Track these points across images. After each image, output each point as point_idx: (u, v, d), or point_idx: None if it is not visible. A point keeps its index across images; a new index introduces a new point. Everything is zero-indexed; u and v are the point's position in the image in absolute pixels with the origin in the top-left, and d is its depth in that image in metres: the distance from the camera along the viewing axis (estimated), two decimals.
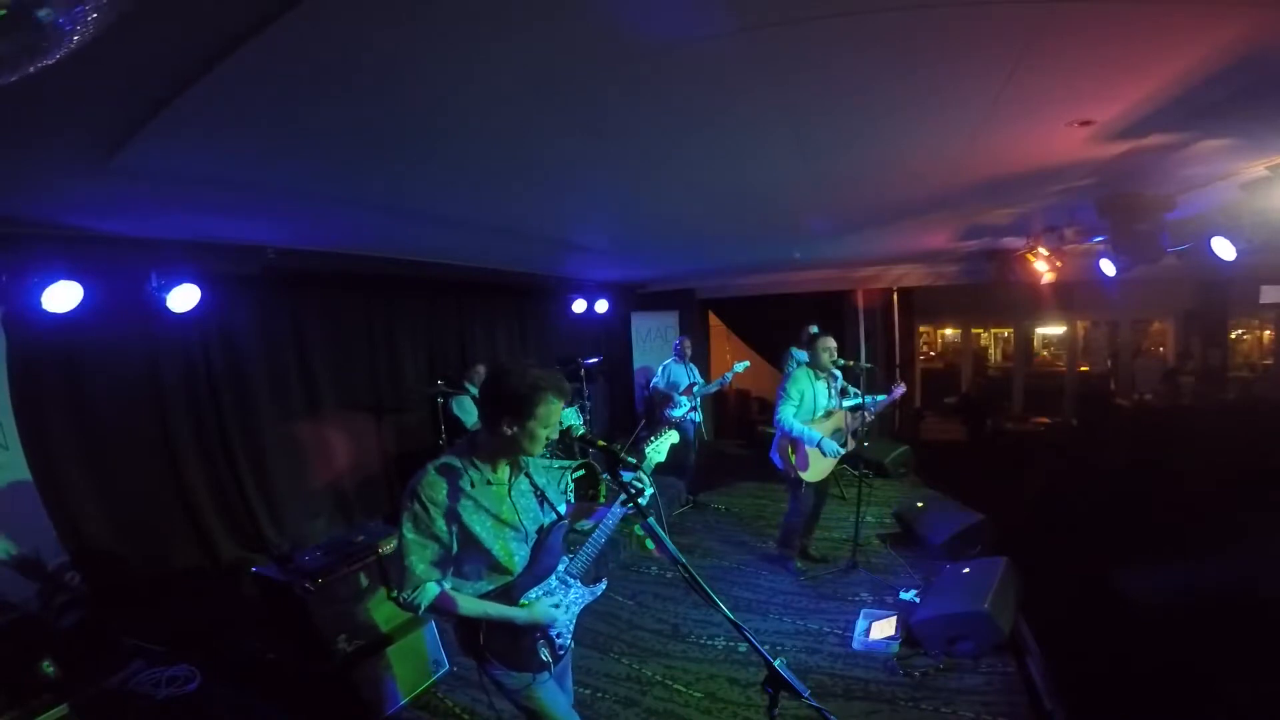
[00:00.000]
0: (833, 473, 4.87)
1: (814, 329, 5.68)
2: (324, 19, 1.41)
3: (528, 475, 1.97)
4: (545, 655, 1.89)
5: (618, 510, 2.00)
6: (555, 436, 1.83)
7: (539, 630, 1.89)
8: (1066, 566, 4.02)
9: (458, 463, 1.83)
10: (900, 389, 4.84)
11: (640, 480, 1.88)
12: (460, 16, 1.47)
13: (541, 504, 1.98)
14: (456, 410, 5.23)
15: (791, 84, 2.00)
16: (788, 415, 4.21)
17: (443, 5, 1.42)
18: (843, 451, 4.30)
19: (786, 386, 4.34)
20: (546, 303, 7.52)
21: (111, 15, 0.96)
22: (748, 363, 6.51)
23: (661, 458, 2.21)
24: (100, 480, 3.76)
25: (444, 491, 1.78)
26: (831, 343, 4.29)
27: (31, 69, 0.98)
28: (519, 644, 1.87)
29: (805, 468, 4.26)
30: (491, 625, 1.82)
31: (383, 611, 3.27)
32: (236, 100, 1.79)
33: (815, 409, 4.32)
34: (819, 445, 4.14)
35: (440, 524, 1.76)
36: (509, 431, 1.78)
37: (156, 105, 1.76)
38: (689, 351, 6.58)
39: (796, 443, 4.22)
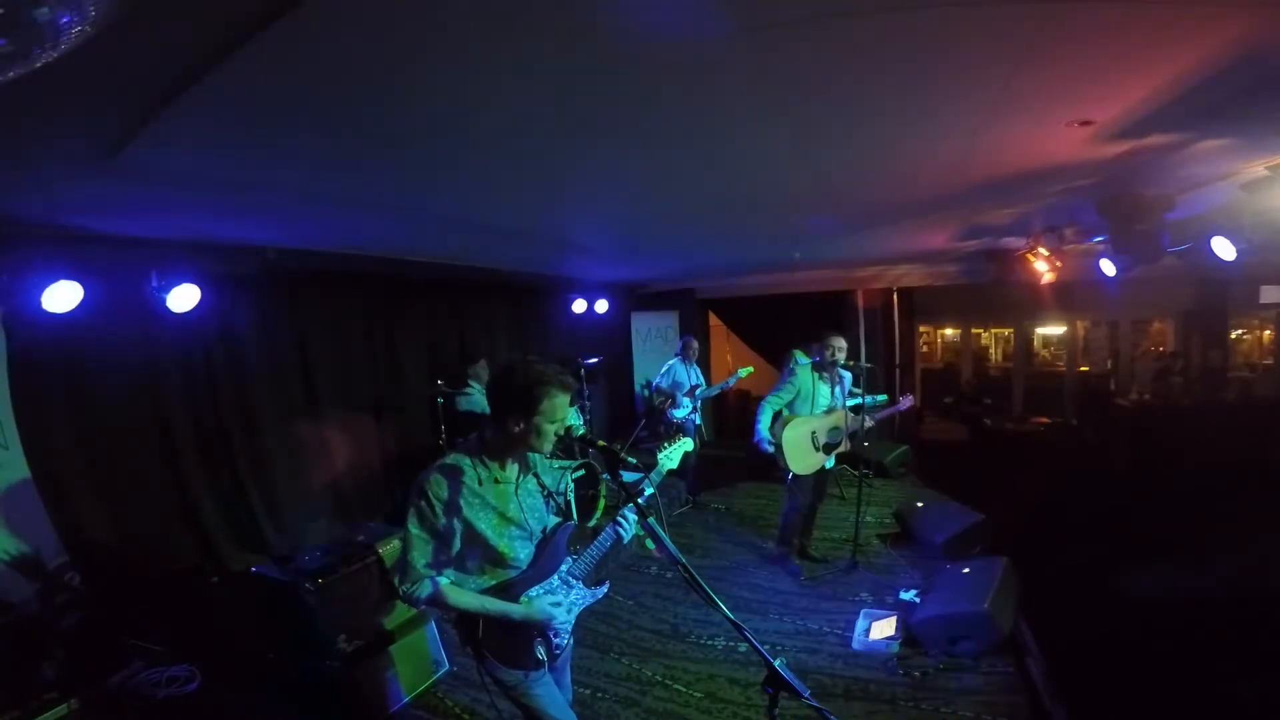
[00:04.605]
0: (833, 473, 4.88)
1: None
2: (324, 19, 1.41)
3: (536, 475, 1.98)
4: (541, 654, 1.90)
5: (631, 518, 1.99)
6: (563, 432, 1.84)
7: (536, 628, 1.89)
8: (1066, 566, 4.02)
9: (466, 460, 1.84)
10: (908, 401, 4.85)
11: (648, 481, 1.89)
12: (459, 17, 1.47)
13: (548, 504, 2.00)
14: (466, 406, 5.20)
15: (790, 84, 2.00)
16: (769, 403, 4.35)
17: (443, 9, 1.42)
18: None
19: (785, 378, 4.43)
20: (546, 303, 7.52)
21: (111, 14, 0.96)
22: (751, 368, 6.51)
23: (674, 464, 2.22)
24: (100, 480, 3.76)
25: (450, 488, 1.79)
26: (840, 342, 4.30)
27: (31, 67, 0.98)
28: (515, 641, 1.87)
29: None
30: (489, 621, 1.83)
31: (383, 611, 3.27)
32: (240, 99, 1.79)
33: (814, 405, 4.33)
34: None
35: (444, 520, 1.78)
36: (516, 428, 1.80)
37: (159, 104, 1.76)
38: (695, 353, 6.56)
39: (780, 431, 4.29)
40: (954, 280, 7.39)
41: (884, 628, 3.60)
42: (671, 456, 2.21)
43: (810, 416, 4.33)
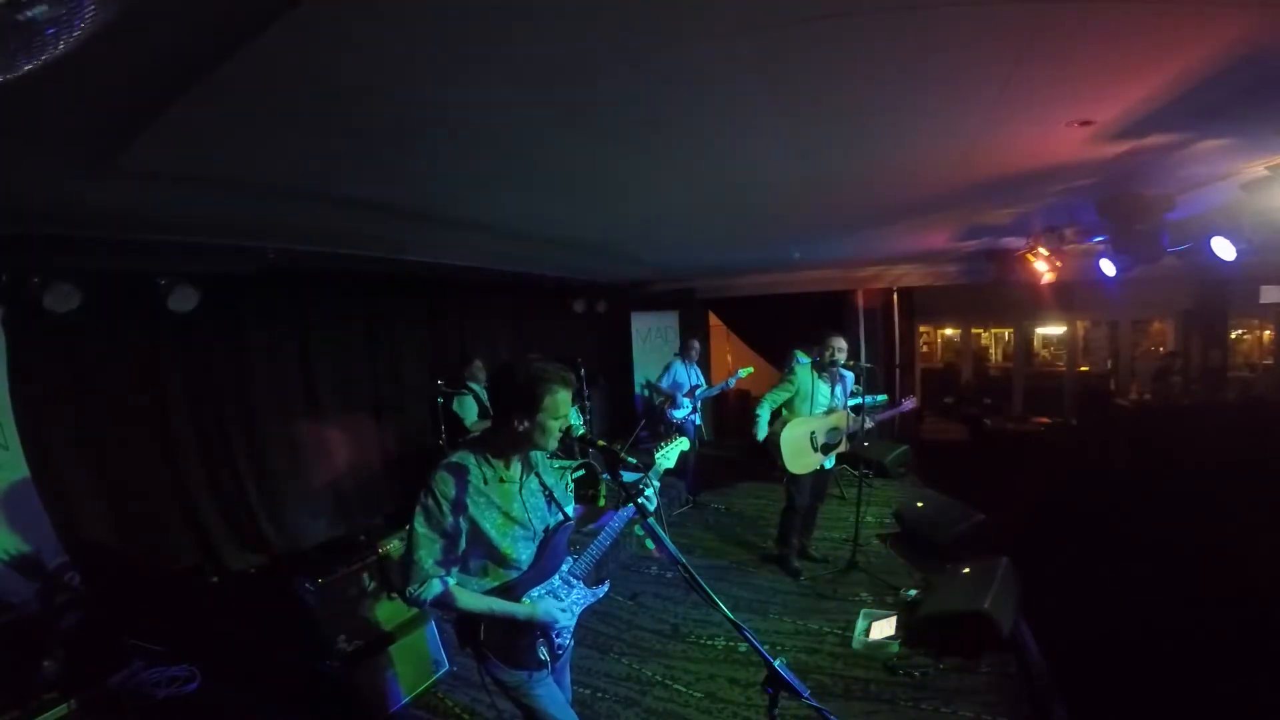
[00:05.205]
0: (833, 473, 4.87)
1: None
2: (324, 20, 1.41)
3: (538, 475, 1.98)
4: (543, 654, 1.90)
5: (624, 515, 2.01)
6: (565, 427, 1.84)
7: (539, 629, 1.90)
8: (1066, 566, 4.02)
9: (471, 459, 1.85)
10: (910, 403, 4.85)
11: (645, 482, 1.90)
12: (455, 17, 1.47)
13: (550, 504, 2.00)
14: (456, 409, 5.23)
15: (789, 84, 2.00)
16: (767, 401, 4.38)
17: (440, 9, 1.42)
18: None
19: (784, 378, 4.45)
20: (546, 303, 7.52)
21: (109, 13, 0.96)
22: (751, 368, 6.51)
23: (671, 464, 2.22)
24: (100, 480, 3.76)
25: (457, 486, 1.80)
26: (839, 342, 4.29)
27: (29, 67, 0.98)
28: (518, 641, 1.87)
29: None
30: (491, 622, 1.83)
31: (383, 611, 3.27)
32: (241, 100, 1.79)
33: (813, 405, 4.33)
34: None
35: (450, 519, 1.78)
36: (520, 427, 1.81)
37: (161, 104, 1.76)
38: (696, 354, 6.56)
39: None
40: (954, 280, 7.39)
41: (884, 628, 3.60)
42: (668, 456, 2.22)
43: (810, 416, 4.33)
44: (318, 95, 1.82)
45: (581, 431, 1.92)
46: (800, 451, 4.28)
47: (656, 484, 2.01)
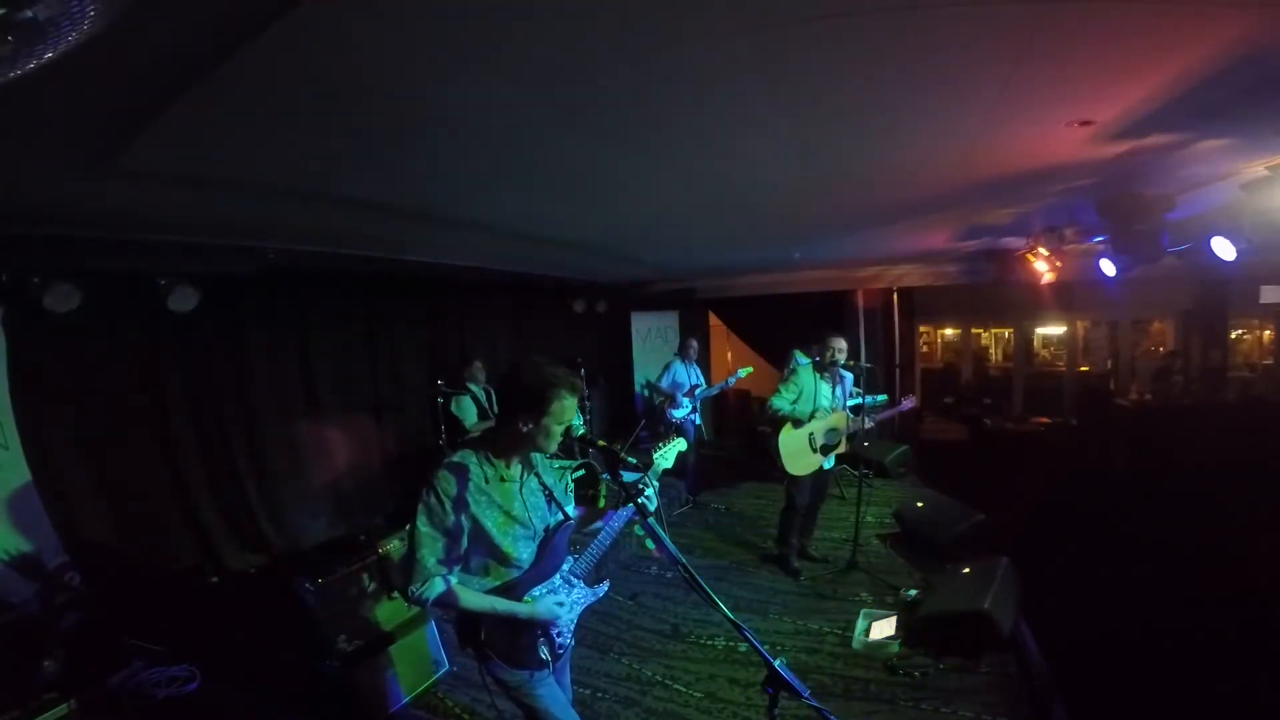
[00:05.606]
0: (833, 473, 4.88)
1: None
2: (324, 20, 1.41)
3: (537, 475, 1.99)
4: (544, 653, 1.90)
5: (624, 515, 2.02)
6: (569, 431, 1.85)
7: (540, 628, 1.90)
8: (1066, 566, 4.02)
9: (473, 458, 1.86)
10: (910, 402, 4.85)
11: (644, 482, 1.91)
12: (455, 17, 1.47)
13: (550, 503, 2.01)
14: (455, 410, 5.24)
15: (789, 84, 2.00)
16: (777, 400, 4.32)
17: (440, 9, 1.42)
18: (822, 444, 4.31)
19: (787, 378, 4.44)
20: (546, 303, 7.52)
21: (109, 13, 0.96)
22: (751, 368, 6.51)
23: (669, 464, 2.23)
24: (100, 480, 3.76)
25: (458, 485, 1.80)
26: (839, 343, 4.29)
27: (30, 67, 0.98)
28: (519, 641, 1.88)
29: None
30: (492, 621, 1.84)
31: (383, 611, 3.27)
32: (241, 100, 1.79)
33: (815, 406, 4.33)
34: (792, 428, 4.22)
35: (452, 518, 1.79)
36: (525, 428, 1.82)
37: (161, 104, 1.76)
38: (695, 353, 6.57)
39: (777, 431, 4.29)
40: (954, 280, 7.39)
41: (884, 628, 3.60)
42: (666, 456, 2.22)
43: (814, 418, 4.32)
44: (318, 95, 1.82)
45: (581, 431, 1.92)
46: (799, 453, 4.29)
47: (655, 484, 2.02)
